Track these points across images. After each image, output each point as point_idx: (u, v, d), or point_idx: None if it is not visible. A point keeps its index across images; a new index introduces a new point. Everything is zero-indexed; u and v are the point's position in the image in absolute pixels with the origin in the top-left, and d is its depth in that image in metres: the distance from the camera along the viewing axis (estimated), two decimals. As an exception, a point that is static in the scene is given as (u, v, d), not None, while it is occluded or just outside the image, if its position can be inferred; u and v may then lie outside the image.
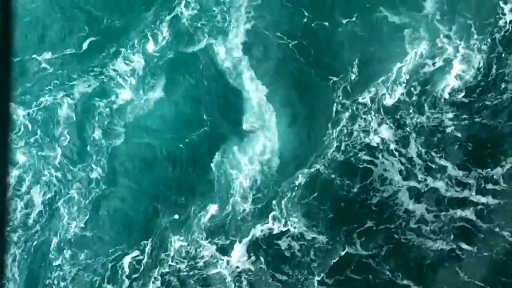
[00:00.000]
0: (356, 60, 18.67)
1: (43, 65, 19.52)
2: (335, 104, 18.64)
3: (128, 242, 19.27)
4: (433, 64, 18.09)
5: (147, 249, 19.03)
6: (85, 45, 19.27)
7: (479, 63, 17.68)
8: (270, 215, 18.87)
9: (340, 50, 18.86)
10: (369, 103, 18.53)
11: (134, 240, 19.29)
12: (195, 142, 19.15)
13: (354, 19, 18.67)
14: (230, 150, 19.14)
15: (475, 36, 17.69)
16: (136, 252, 19.08)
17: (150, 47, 19.20)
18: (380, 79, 18.51)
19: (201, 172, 19.08)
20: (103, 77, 19.28)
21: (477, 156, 17.66)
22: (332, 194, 18.63)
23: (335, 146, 18.65)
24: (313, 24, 19.02)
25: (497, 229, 17.11)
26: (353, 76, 18.68)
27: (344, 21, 18.90)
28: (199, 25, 19.17)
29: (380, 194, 18.28)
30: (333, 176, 18.68)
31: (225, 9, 19.17)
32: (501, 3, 17.60)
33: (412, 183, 18.09)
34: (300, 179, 18.83)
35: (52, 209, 19.56)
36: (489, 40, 17.59)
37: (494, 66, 17.43)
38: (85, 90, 19.28)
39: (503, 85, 17.45)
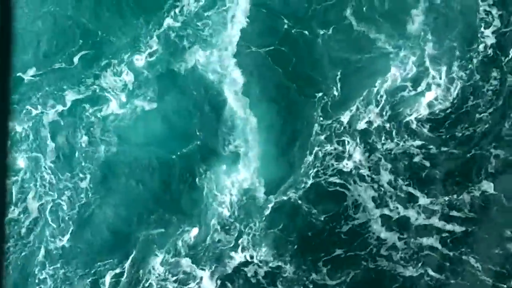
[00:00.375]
0: (338, 77, 17.80)
1: (34, 77, 18.64)
2: (315, 125, 17.90)
3: (108, 258, 18.39)
4: (412, 87, 17.24)
5: (126, 267, 18.30)
6: (76, 58, 18.70)
7: (456, 91, 17.05)
8: (241, 243, 18.09)
9: (324, 67, 17.92)
10: (346, 125, 17.65)
11: (114, 256, 18.39)
12: (183, 157, 18.46)
13: (341, 37, 17.19)
14: (216, 169, 18.40)
15: (456, 63, 16.96)
16: (116, 270, 18.32)
17: (140, 60, 18.76)
18: (358, 100, 17.73)
19: (185, 190, 18.47)
20: (93, 88, 18.65)
21: (446, 184, 17.63)
22: (303, 222, 17.98)
23: (310, 173, 17.76)
24: (294, 32, 18.01)
25: (464, 257, 17.56)
26: (336, 93, 17.84)
27: (334, 39, 17.48)
28: (186, 39, 18.61)
29: (352, 221, 17.85)
30: (301, 203, 17.91)
31: (211, 23, 18.36)
32: (482, 27, 16.64)
33: (384, 211, 17.79)
34: (273, 207, 17.95)
35: (37, 221, 18.63)
36: (469, 66, 16.92)
37: (471, 97, 16.87)
38: (76, 101, 18.72)
39: (477, 116, 17.05)
